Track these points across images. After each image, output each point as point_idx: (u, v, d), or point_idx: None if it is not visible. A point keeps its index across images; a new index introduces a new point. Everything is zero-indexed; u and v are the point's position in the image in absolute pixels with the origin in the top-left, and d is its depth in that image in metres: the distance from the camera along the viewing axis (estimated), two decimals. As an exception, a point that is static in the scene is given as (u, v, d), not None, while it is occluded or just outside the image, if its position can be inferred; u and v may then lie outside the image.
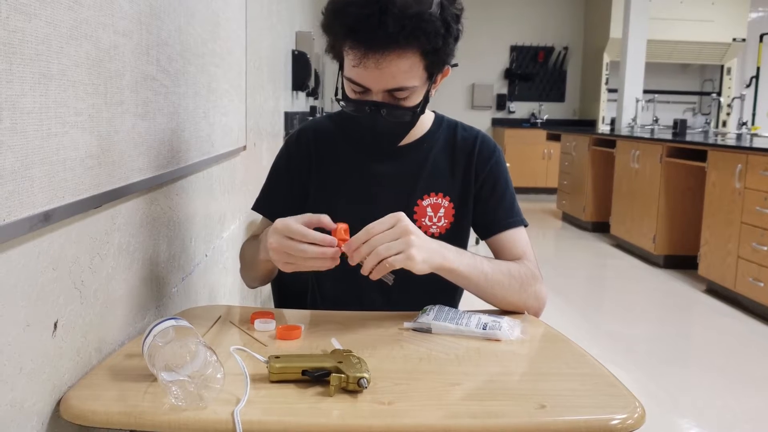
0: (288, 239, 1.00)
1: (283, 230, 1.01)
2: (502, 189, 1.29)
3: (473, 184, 1.28)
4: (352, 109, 1.15)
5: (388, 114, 1.13)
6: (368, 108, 1.12)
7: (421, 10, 1.03)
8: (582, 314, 3.83)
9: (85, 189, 0.85)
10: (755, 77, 8.95)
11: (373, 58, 1.06)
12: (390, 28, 1.02)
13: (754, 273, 3.64)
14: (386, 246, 0.98)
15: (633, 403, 0.82)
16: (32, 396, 0.75)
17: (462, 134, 1.31)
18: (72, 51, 0.81)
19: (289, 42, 4.08)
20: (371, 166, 1.28)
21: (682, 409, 2.60)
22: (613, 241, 5.69)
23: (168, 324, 0.86)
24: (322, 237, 0.99)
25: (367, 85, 1.10)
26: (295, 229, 1.00)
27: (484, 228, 1.29)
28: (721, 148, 4.13)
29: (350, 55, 1.08)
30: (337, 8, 1.07)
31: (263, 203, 1.34)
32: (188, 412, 0.76)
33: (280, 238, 1.01)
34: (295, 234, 1.00)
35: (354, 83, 1.12)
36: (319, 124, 1.34)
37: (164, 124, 1.21)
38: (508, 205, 1.28)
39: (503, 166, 1.31)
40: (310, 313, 1.22)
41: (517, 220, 1.28)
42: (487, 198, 1.28)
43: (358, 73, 1.09)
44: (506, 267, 1.18)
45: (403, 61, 1.07)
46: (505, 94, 9.38)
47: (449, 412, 0.79)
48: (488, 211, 1.28)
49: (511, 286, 1.16)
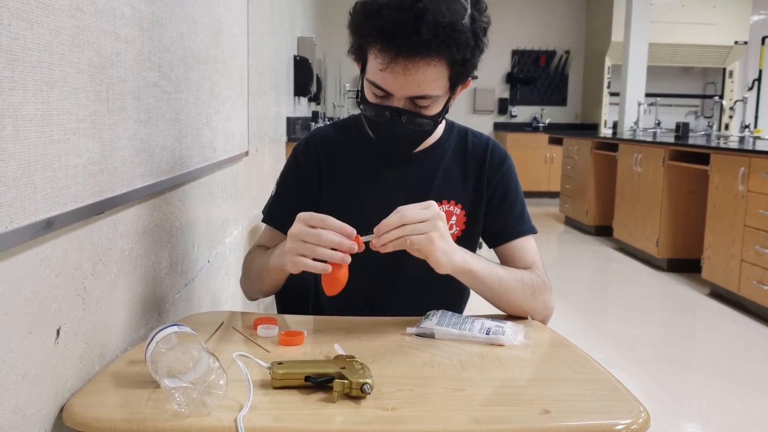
0: (308, 227, 1.00)
1: (306, 218, 1.01)
2: (513, 197, 1.29)
3: (485, 191, 1.27)
4: (372, 113, 1.14)
5: (408, 122, 1.12)
6: (389, 114, 1.11)
7: (455, 20, 1.03)
8: (585, 318, 3.82)
9: (87, 196, 0.85)
10: (757, 80, 8.95)
11: (401, 63, 1.05)
12: (423, 35, 1.02)
13: (758, 276, 3.63)
14: (413, 227, 0.99)
15: (637, 408, 0.82)
16: (35, 403, 0.75)
17: (473, 141, 1.30)
18: (74, 58, 0.81)
19: (291, 47, 4.09)
20: (382, 173, 1.27)
21: (686, 412, 2.59)
22: (616, 244, 5.68)
23: (171, 330, 0.86)
24: (341, 225, 0.99)
25: (390, 90, 1.09)
26: (317, 216, 1.00)
27: (495, 235, 1.28)
28: (724, 151, 4.13)
29: (378, 58, 1.07)
30: (371, 9, 1.06)
31: (273, 215, 1.30)
32: (191, 418, 0.76)
33: (302, 225, 1.01)
34: (316, 221, 1.00)
35: (377, 87, 1.11)
36: (326, 133, 1.33)
37: (166, 131, 1.21)
38: (518, 213, 1.28)
39: (514, 174, 1.30)
40: (313, 319, 1.22)
41: (527, 228, 1.28)
42: (498, 206, 1.28)
43: (383, 78, 1.08)
44: (519, 274, 1.18)
45: (430, 69, 1.06)
46: (507, 98, 9.39)
47: (453, 417, 0.79)
48: (499, 219, 1.27)
49: (524, 293, 1.17)
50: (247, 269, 1.28)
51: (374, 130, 1.18)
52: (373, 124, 1.16)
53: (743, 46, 8.55)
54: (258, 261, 1.24)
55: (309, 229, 1.00)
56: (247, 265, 1.28)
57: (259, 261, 1.23)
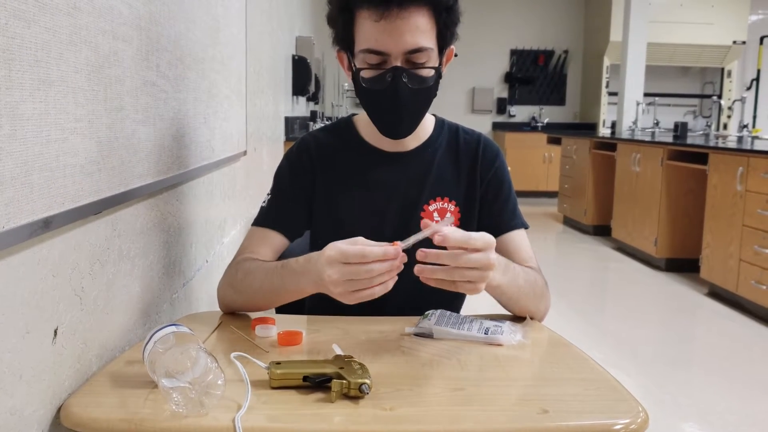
0: (347, 265, 0.92)
1: (339, 257, 0.93)
2: (507, 191, 1.30)
3: (478, 187, 1.28)
4: (373, 84, 1.14)
5: (410, 80, 1.12)
6: (389, 76, 1.12)
7: None
8: (584, 318, 3.82)
9: (85, 195, 0.85)
10: (756, 80, 8.96)
11: (394, 11, 1.08)
12: None
13: (757, 276, 3.63)
14: (462, 273, 0.94)
15: (636, 408, 0.82)
16: (32, 403, 0.75)
17: (464, 137, 1.31)
18: (71, 57, 0.81)
19: (289, 47, 4.09)
20: (375, 174, 1.27)
21: (685, 412, 2.59)
22: (614, 244, 5.69)
23: (169, 330, 0.86)
24: (383, 251, 0.92)
25: (386, 48, 1.11)
26: (353, 251, 0.92)
27: (489, 230, 1.27)
28: (723, 150, 4.13)
29: (370, 15, 1.09)
30: None
31: (272, 218, 1.25)
32: (189, 418, 0.76)
33: (339, 266, 0.93)
34: (355, 257, 0.92)
35: (372, 52, 1.12)
36: (317, 136, 1.32)
37: (164, 130, 1.21)
38: (511, 207, 1.29)
39: (506, 169, 1.32)
40: (311, 319, 1.22)
41: (520, 222, 1.29)
42: (492, 201, 1.29)
43: (377, 38, 1.10)
44: (533, 276, 1.18)
45: (420, 18, 1.09)
46: (506, 97, 9.39)
47: (451, 417, 0.79)
48: (493, 213, 1.28)
49: (535, 295, 1.18)
50: (239, 282, 1.15)
51: (376, 106, 1.18)
52: (375, 97, 1.16)
53: (741, 45, 8.56)
54: (259, 278, 1.13)
55: (351, 268, 0.92)
56: (239, 278, 1.15)
57: (260, 278, 1.12)
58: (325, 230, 1.26)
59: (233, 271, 1.17)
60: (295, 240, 1.28)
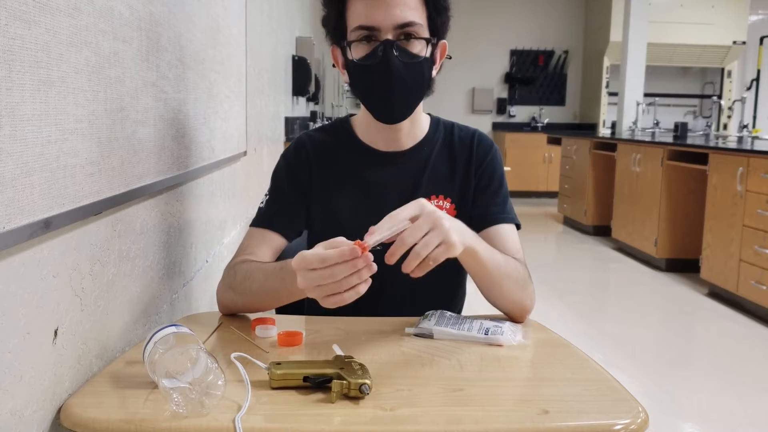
0: (311, 271, 0.90)
1: (301, 264, 0.91)
2: (498, 184, 1.29)
3: (473, 178, 1.29)
4: (364, 60, 1.15)
5: (401, 54, 1.13)
6: (380, 51, 1.13)
7: None
8: (584, 318, 3.82)
9: (85, 196, 0.85)
10: (756, 80, 8.97)
11: None
12: None
13: (757, 276, 3.63)
14: (423, 243, 0.92)
15: (636, 408, 0.82)
16: (33, 404, 0.75)
17: (459, 134, 1.32)
18: (72, 58, 0.81)
19: (289, 47, 4.09)
20: (371, 173, 1.27)
21: (685, 412, 2.59)
22: (614, 244, 5.69)
23: (169, 331, 0.86)
24: (340, 252, 0.88)
25: (375, 21, 1.12)
26: (311, 257, 0.90)
27: (477, 220, 1.26)
28: (723, 151, 4.13)
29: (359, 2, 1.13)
30: None
31: (272, 218, 1.25)
32: (189, 419, 0.76)
33: (304, 273, 0.91)
34: (314, 263, 0.90)
35: (363, 28, 1.13)
36: (314, 136, 1.32)
37: (164, 130, 1.21)
38: (501, 201, 1.29)
39: (500, 164, 1.32)
40: (311, 319, 1.22)
41: (508, 216, 1.27)
42: (482, 191, 1.29)
43: (367, 14, 1.12)
44: (513, 262, 1.16)
45: None
46: (506, 98, 9.40)
47: (451, 417, 0.79)
48: (482, 203, 1.28)
49: (517, 281, 1.14)
50: (238, 284, 1.14)
51: (369, 85, 1.18)
52: (367, 75, 1.16)
53: (741, 46, 8.56)
54: (259, 279, 1.12)
55: (315, 273, 0.90)
56: (238, 280, 1.14)
57: (260, 279, 1.12)
58: (321, 230, 1.26)
59: (232, 273, 1.17)
60: (293, 240, 1.28)
